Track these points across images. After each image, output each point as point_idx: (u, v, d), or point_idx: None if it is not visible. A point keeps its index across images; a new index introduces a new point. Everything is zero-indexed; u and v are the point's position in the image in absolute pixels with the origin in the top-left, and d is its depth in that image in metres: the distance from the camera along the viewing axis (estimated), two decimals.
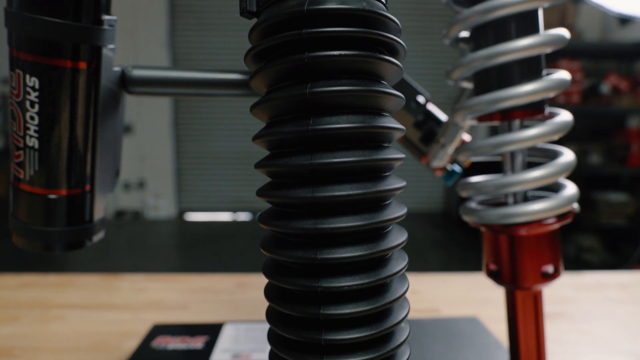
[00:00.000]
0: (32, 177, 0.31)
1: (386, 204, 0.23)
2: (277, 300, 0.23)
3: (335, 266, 0.21)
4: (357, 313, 0.21)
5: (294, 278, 0.21)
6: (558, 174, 0.36)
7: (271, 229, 0.23)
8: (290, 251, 0.21)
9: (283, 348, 0.23)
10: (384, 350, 0.22)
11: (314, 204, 0.21)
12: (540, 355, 0.42)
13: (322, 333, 0.21)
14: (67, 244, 0.34)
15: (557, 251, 0.39)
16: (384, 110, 0.22)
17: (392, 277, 0.22)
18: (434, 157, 0.48)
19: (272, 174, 0.22)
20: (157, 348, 0.54)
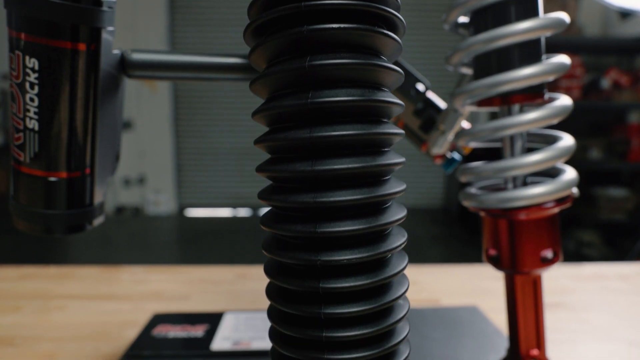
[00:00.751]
0: (32, 159, 0.31)
1: (385, 179, 0.23)
2: (276, 276, 0.23)
3: (334, 240, 0.21)
4: (356, 287, 0.21)
5: (294, 252, 0.22)
6: (557, 158, 0.36)
7: (270, 204, 0.23)
8: (289, 225, 0.21)
9: (284, 324, 0.23)
10: (383, 324, 0.22)
11: (313, 178, 0.21)
12: (540, 340, 0.42)
13: (322, 307, 0.21)
14: (68, 227, 0.34)
15: (557, 236, 0.39)
16: (383, 85, 0.22)
17: (392, 251, 0.22)
18: (434, 144, 0.48)
19: (272, 148, 0.22)
20: (158, 336, 0.54)
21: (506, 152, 0.38)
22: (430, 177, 4.41)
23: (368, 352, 0.22)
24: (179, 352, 0.51)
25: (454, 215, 4.21)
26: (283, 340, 0.23)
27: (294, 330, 0.22)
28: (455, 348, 0.53)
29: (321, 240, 0.21)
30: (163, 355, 0.51)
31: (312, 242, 0.21)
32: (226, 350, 0.51)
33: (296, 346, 0.22)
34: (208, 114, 4.28)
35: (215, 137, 4.31)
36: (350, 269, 0.22)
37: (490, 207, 0.38)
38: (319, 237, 0.21)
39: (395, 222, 0.22)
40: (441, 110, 0.49)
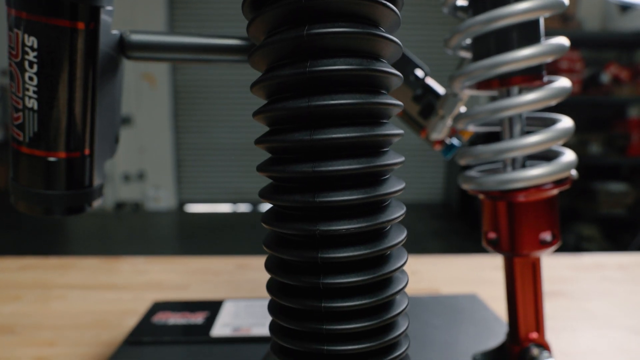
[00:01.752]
0: (31, 139, 0.31)
1: (384, 150, 0.23)
2: (276, 248, 0.23)
3: (333, 209, 0.21)
4: (355, 257, 0.21)
5: (293, 223, 0.22)
6: (556, 139, 0.36)
7: (269, 176, 0.23)
8: (288, 196, 0.21)
9: (283, 295, 0.23)
10: (382, 295, 0.22)
11: (311, 147, 0.21)
12: (539, 323, 0.42)
13: (321, 277, 0.21)
14: (67, 208, 0.34)
15: (556, 218, 0.39)
16: (381, 56, 0.22)
17: (390, 222, 0.22)
18: (433, 129, 0.48)
19: (270, 119, 0.22)
20: (158, 323, 0.55)
21: (505, 134, 0.38)
22: (430, 172, 4.41)
23: (366, 323, 0.22)
24: (179, 338, 0.51)
25: (454, 210, 4.21)
26: (283, 313, 0.23)
27: (293, 302, 0.22)
28: (455, 334, 0.53)
29: (320, 209, 0.21)
30: (163, 342, 0.51)
31: (311, 212, 0.21)
32: (226, 336, 0.51)
33: (295, 318, 0.22)
34: (208, 109, 4.28)
35: (215, 132, 4.31)
36: (349, 239, 0.22)
37: (489, 189, 0.38)
38: (318, 207, 0.21)
39: (394, 194, 0.22)
40: (440, 96, 0.49)
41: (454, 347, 0.50)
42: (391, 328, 0.24)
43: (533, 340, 0.42)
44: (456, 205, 4.17)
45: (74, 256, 0.90)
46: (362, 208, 0.22)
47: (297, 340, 0.23)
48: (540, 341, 0.42)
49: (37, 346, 0.55)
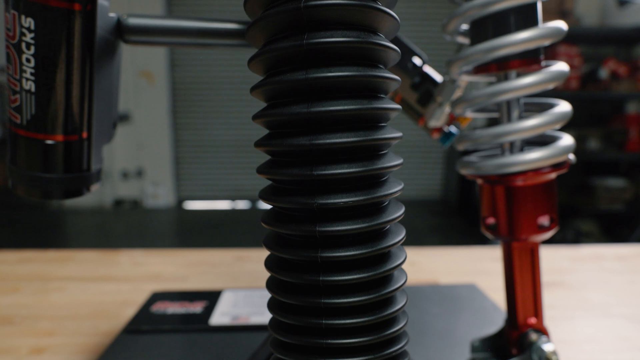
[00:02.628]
0: (28, 121, 0.31)
1: (382, 125, 0.23)
2: (274, 223, 0.23)
3: (331, 182, 0.21)
4: (352, 230, 0.21)
5: (291, 197, 0.22)
6: (554, 123, 0.36)
7: (268, 150, 0.23)
8: (286, 169, 0.21)
9: (280, 270, 0.23)
10: (380, 270, 0.22)
11: (309, 120, 0.21)
12: (537, 309, 0.42)
13: (319, 251, 0.21)
14: (65, 191, 0.34)
15: (554, 202, 0.39)
16: (378, 30, 0.22)
17: (388, 196, 0.22)
18: (431, 116, 0.48)
19: (268, 93, 0.22)
20: (157, 312, 0.55)
21: (503, 118, 0.38)
22: (428, 169, 4.41)
23: (364, 297, 0.22)
24: (178, 326, 0.51)
25: (452, 206, 4.21)
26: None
27: (292, 276, 0.22)
28: (454, 322, 0.53)
29: (318, 183, 0.21)
30: (162, 330, 0.51)
31: (309, 185, 0.21)
32: (225, 324, 0.51)
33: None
34: (206, 106, 4.27)
35: (213, 129, 4.30)
36: (347, 213, 0.22)
37: (488, 174, 0.38)
38: (316, 180, 0.21)
39: (392, 168, 0.22)
40: (438, 84, 0.49)
41: (453, 335, 0.50)
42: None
43: (531, 325, 0.42)
44: (455, 202, 4.17)
45: (72, 249, 0.90)
46: (361, 181, 0.22)
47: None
48: (538, 326, 0.42)
49: (35, 336, 0.55)
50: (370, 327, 0.23)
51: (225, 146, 4.31)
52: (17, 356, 0.51)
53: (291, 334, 0.23)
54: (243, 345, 0.47)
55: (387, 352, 0.23)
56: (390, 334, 0.23)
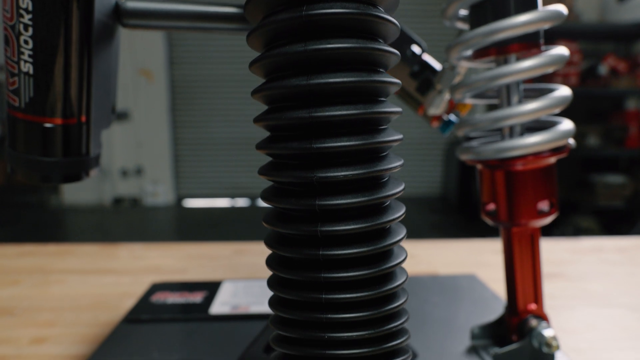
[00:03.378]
0: (27, 104, 0.31)
1: (381, 99, 0.23)
2: (274, 198, 0.23)
3: (330, 156, 0.21)
4: (352, 204, 0.21)
5: (290, 171, 0.22)
6: (554, 106, 0.36)
7: (266, 124, 0.23)
8: (285, 143, 0.21)
9: (281, 246, 0.23)
10: (379, 244, 0.22)
11: (309, 92, 0.21)
12: (537, 295, 0.42)
13: (319, 225, 0.21)
14: (64, 175, 0.34)
15: (554, 187, 0.39)
16: (378, 3, 0.22)
17: (387, 171, 0.22)
18: (430, 104, 0.48)
19: (267, 67, 0.22)
20: (156, 302, 0.54)
21: (503, 102, 0.38)
22: (428, 166, 4.41)
23: (364, 272, 0.22)
24: (177, 316, 0.51)
25: (452, 203, 4.21)
26: (282, 264, 0.23)
27: (292, 251, 0.22)
28: (454, 311, 0.53)
29: (318, 156, 0.21)
30: (161, 319, 0.51)
31: (309, 159, 0.21)
32: (225, 314, 0.51)
33: (294, 267, 0.23)
34: (205, 104, 4.27)
35: (212, 127, 4.30)
36: (347, 187, 0.22)
37: (488, 158, 0.38)
38: (316, 153, 0.21)
39: (391, 142, 0.22)
40: (437, 72, 0.49)
41: (453, 323, 0.50)
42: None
43: (531, 311, 0.42)
44: (454, 199, 4.17)
45: (72, 243, 0.90)
46: (360, 155, 0.22)
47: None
48: (538, 312, 0.42)
49: (36, 327, 0.55)
50: (370, 302, 0.23)
51: (224, 144, 4.31)
52: (18, 346, 0.51)
53: (291, 310, 0.23)
54: (243, 334, 0.47)
55: (387, 327, 0.23)
56: (390, 310, 0.23)
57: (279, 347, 0.24)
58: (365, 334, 0.22)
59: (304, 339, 0.23)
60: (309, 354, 0.23)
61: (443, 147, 4.34)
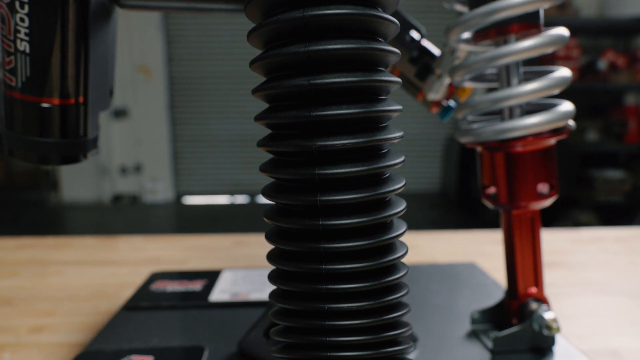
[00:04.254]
0: (24, 84, 0.31)
1: (380, 69, 0.22)
2: (274, 169, 0.23)
3: (330, 123, 0.21)
4: (351, 173, 0.21)
5: (290, 140, 0.21)
6: (554, 87, 0.36)
7: (265, 93, 0.22)
8: (285, 112, 0.21)
9: (280, 217, 0.23)
10: (379, 215, 0.22)
11: (307, 59, 0.20)
12: (538, 278, 0.42)
13: (318, 195, 0.21)
14: (62, 156, 0.33)
15: (553, 169, 0.39)
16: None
17: (386, 141, 0.22)
18: (430, 89, 0.48)
19: (266, 35, 0.22)
20: (156, 291, 0.54)
21: (502, 83, 0.38)
22: (427, 162, 4.41)
23: (364, 242, 0.22)
24: (177, 303, 0.51)
25: (451, 199, 4.22)
26: (281, 236, 0.23)
27: (292, 222, 0.22)
28: (454, 297, 0.53)
29: (316, 124, 0.21)
30: (161, 307, 0.51)
31: (308, 127, 0.21)
32: (225, 301, 0.51)
33: (294, 238, 0.22)
34: (204, 100, 4.26)
35: (211, 124, 4.30)
36: (346, 156, 0.22)
37: (487, 140, 0.38)
38: (315, 121, 0.21)
39: (391, 112, 0.22)
40: (436, 58, 0.49)
41: (453, 309, 0.50)
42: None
43: (532, 295, 0.42)
44: (453, 195, 4.17)
45: (70, 236, 0.90)
46: (358, 123, 0.22)
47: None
48: (539, 296, 0.42)
49: (35, 316, 0.55)
50: (370, 273, 0.23)
51: (223, 141, 4.31)
52: (17, 335, 0.51)
53: (291, 282, 0.23)
54: (243, 320, 0.47)
55: (387, 299, 0.23)
56: (390, 281, 0.23)
57: (279, 320, 0.24)
58: (366, 304, 0.22)
59: (304, 310, 0.23)
60: (309, 325, 0.23)
61: (442, 143, 4.34)
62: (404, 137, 0.24)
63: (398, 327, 0.24)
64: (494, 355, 0.40)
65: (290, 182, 0.23)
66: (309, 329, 0.23)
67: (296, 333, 0.24)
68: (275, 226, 0.24)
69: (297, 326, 0.23)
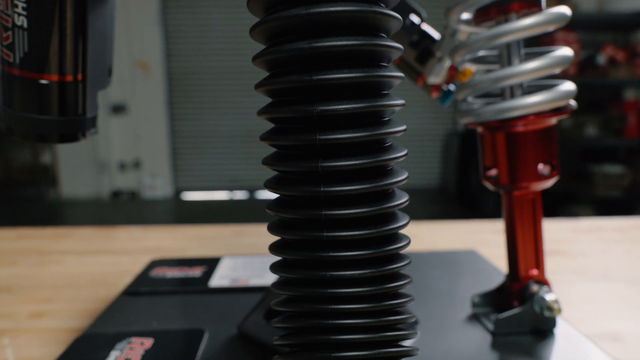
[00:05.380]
0: (22, 59, 0.31)
1: (381, 35, 0.22)
2: (275, 136, 0.23)
3: (331, 88, 0.21)
4: (353, 139, 0.21)
5: (291, 105, 0.21)
6: (555, 65, 0.36)
7: (265, 58, 0.22)
8: (286, 77, 0.21)
9: (282, 185, 0.23)
10: (380, 182, 0.22)
11: (308, 23, 0.20)
12: (539, 260, 0.42)
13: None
14: (61, 134, 0.33)
15: (555, 150, 0.39)
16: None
17: (387, 107, 0.22)
18: (430, 72, 0.48)
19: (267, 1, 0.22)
20: (156, 277, 0.54)
21: (503, 62, 0.38)
22: (426, 157, 4.41)
23: (364, 209, 0.22)
24: (177, 288, 0.51)
25: (451, 194, 4.22)
26: (283, 205, 0.23)
27: (294, 189, 0.22)
28: (455, 283, 0.53)
29: (318, 88, 0.21)
30: (161, 292, 0.50)
31: (309, 91, 0.21)
32: (224, 286, 0.51)
33: (296, 206, 0.22)
34: (203, 96, 4.25)
35: (210, 119, 4.29)
36: (348, 122, 0.21)
37: (488, 120, 0.38)
38: (316, 85, 0.21)
39: (392, 78, 0.22)
40: (436, 42, 0.49)
41: (453, 294, 0.50)
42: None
43: (533, 277, 0.42)
44: (453, 190, 4.17)
45: (69, 226, 0.89)
46: (359, 87, 0.22)
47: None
48: (540, 278, 0.42)
49: (34, 303, 0.55)
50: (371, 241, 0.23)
51: (222, 136, 4.30)
52: (16, 320, 0.50)
53: (293, 250, 0.23)
54: (243, 304, 0.46)
55: (389, 267, 0.23)
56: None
57: (281, 290, 0.24)
58: (368, 272, 0.22)
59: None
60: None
61: (441, 139, 4.34)
62: (403, 133, 0.24)
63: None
64: (495, 337, 0.40)
65: (291, 149, 0.23)
66: (311, 297, 0.23)
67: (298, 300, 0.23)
68: (277, 198, 0.24)
69: (299, 294, 0.23)
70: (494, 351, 0.39)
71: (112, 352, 0.37)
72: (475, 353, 0.38)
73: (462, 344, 0.40)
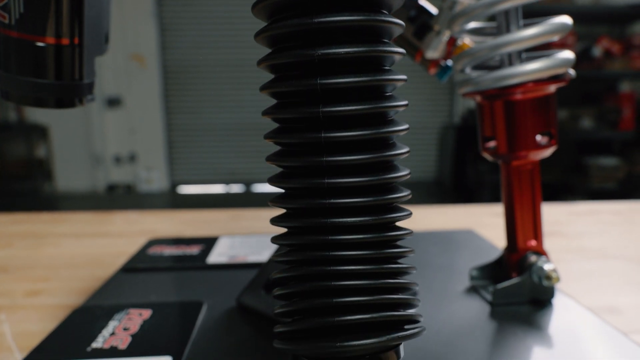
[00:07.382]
0: (17, 21, 0.30)
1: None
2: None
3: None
4: (352, 83, 0.21)
5: (292, 50, 0.21)
6: (553, 32, 0.36)
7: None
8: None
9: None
10: (380, 129, 0.22)
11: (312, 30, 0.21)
12: (537, 231, 0.42)
13: (321, 106, 0.21)
14: (58, 99, 0.33)
15: (553, 118, 0.39)
16: None
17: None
18: (429, 46, 0.47)
19: None
20: (154, 254, 0.54)
21: (501, 29, 0.38)
22: (422, 150, 4.41)
23: (365, 155, 0.22)
24: (175, 265, 0.51)
25: (447, 187, 4.22)
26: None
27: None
28: (452, 258, 0.53)
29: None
30: (159, 268, 0.50)
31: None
32: (222, 263, 0.51)
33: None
34: (198, 89, 4.24)
35: (206, 112, 4.27)
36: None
37: (487, 88, 0.37)
38: (316, 29, 0.20)
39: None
40: (434, 16, 0.49)
41: (452, 268, 0.50)
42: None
43: (531, 248, 0.42)
44: (449, 183, 4.18)
45: (65, 212, 0.89)
46: (359, 31, 0.22)
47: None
48: (538, 249, 0.42)
49: (31, 281, 0.55)
50: (372, 188, 0.23)
51: (218, 129, 4.28)
52: (13, 298, 0.50)
53: (294, 200, 0.23)
54: (241, 279, 0.46)
55: (388, 216, 0.23)
56: (391, 199, 0.23)
57: (280, 241, 0.24)
58: (369, 219, 0.22)
59: (307, 226, 0.23)
60: (312, 241, 0.22)
61: (437, 132, 4.34)
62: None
63: (399, 246, 0.24)
64: (494, 308, 0.40)
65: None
66: (311, 245, 0.23)
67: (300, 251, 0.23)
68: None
69: (300, 242, 0.23)
70: (493, 320, 0.39)
71: (110, 322, 0.37)
72: (474, 322, 0.38)
73: (460, 314, 0.40)
